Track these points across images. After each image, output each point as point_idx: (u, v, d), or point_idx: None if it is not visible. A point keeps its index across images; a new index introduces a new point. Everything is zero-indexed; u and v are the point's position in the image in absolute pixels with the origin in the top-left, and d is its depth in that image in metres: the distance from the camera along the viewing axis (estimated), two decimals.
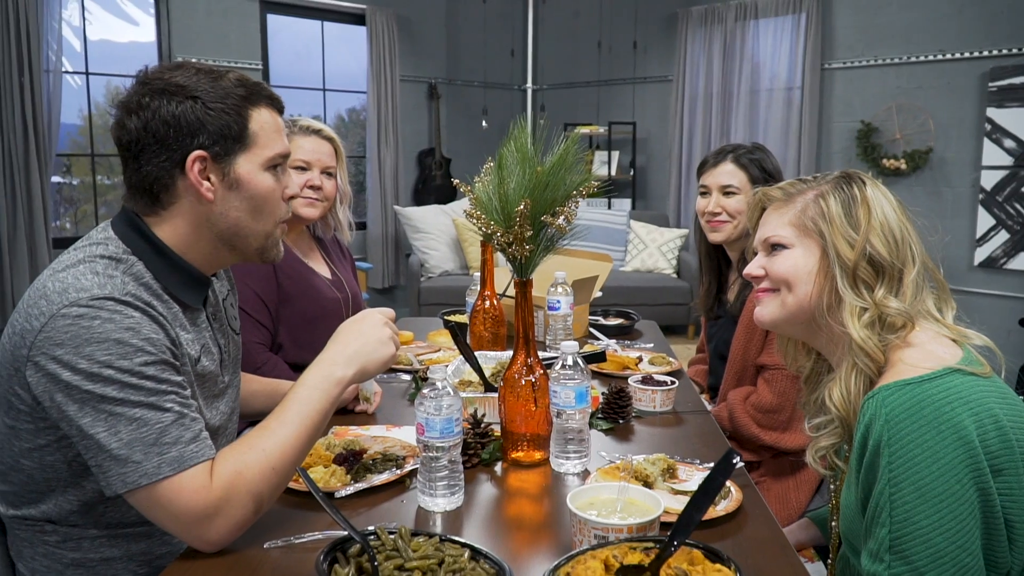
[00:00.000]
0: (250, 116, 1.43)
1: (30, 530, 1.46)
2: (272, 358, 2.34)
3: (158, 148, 1.38)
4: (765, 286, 1.52)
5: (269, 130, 1.46)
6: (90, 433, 1.26)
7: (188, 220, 1.44)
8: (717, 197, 2.47)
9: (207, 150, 1.39)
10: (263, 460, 1.32)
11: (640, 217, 7.48)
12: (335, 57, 7.78)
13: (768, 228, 1.52)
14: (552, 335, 2.54)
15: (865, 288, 1.40)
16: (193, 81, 1.39)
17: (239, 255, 1.53)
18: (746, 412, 2.29)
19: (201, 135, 1.38)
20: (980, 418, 1.24)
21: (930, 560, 1.21)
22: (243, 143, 1.43)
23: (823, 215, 1.45)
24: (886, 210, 1.43)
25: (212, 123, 1.39)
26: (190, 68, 1.42)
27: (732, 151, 2.50)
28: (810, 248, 1.46)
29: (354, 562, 1.16)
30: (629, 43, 7.98)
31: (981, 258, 5.95)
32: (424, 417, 1.44)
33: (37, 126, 5.66)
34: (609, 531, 1.23)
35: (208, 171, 1.41)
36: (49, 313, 1.28)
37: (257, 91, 1.46)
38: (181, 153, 1.39)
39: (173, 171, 1.40)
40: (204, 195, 1.41)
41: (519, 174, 1.62)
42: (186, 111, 1.37)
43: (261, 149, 1.45)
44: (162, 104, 1.37)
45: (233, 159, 1.42)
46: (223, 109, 1.40)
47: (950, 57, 6.03)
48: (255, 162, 1.45)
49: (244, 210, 1.46)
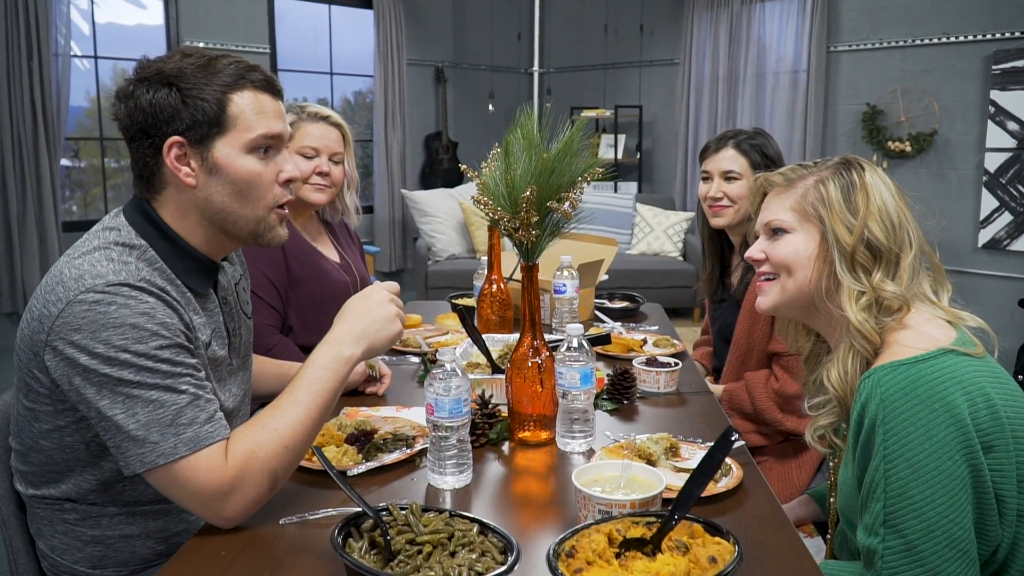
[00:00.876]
0: (229, 100, 1.43)
1: (49, 509, 1.50)
2: (283, 340, 2.39)
3: (141, 135, 1.42)
4: (765, 270, 1.56)
5: (251, 112, 1.45)
6: (108, 415, 1.30)
7: (178, 205, 1.47)
8: (719, 182, 2.51)
9: (183, 135, 1.42)
10: (276, 439, 1.36)
11: (646, 200, 7.49)
12: (342, 41, 7.80)
13: (769, 212, 1.56)
14: (558, 318, 2.58)
15: (863, 272, 1.44)
16: (178, 68, 1.41)
17: (236, 240, 1.54)
18: (769, 397, 2.32)
19: (176, 121, 1.41)
20: (972, 397, 1.28)
21: (923, 533, 1.26)
22: (220, 127, 1.43)
23: (823, 200, 1.48)
24: (884, 195, 1.47)
25: (187, 109, 1.41)
26: (182, 54, 1.44)
27: (733, 137, 2.53)
28: (810, 233, 1.50)
29: (367, 536, 1.20)
30: (636, 26, 7.99)
31: (985, 240, 5.97)
32: (434, 397, 1.48)
33: (46, 110, 5.70)
34: (613, 506, 1.28)
35: (188, 157, 1.43)
36: (66, 299, 1.31)
37: (243, 74, 1.45)
38: (160, 139, 1.42)
39: (157, 157, 1.43)
40: (184, 181, 1.43)
41: (525, 161, 1.65)
42: (162, 98, 1.40)
43: (241, 132, 1.44)
44: (143, 92, 1.40)
45: (211, 143, 1.43)
46: (199, 94, 1.41)
47: (954, 40, 6.03)
48: (234, 145, 1.44)
49: (227, 194, 1.46)
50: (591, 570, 1.10)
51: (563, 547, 1.15)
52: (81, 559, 1.50)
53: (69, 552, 1.51)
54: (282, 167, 1.51)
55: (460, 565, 1.12)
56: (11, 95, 5.58)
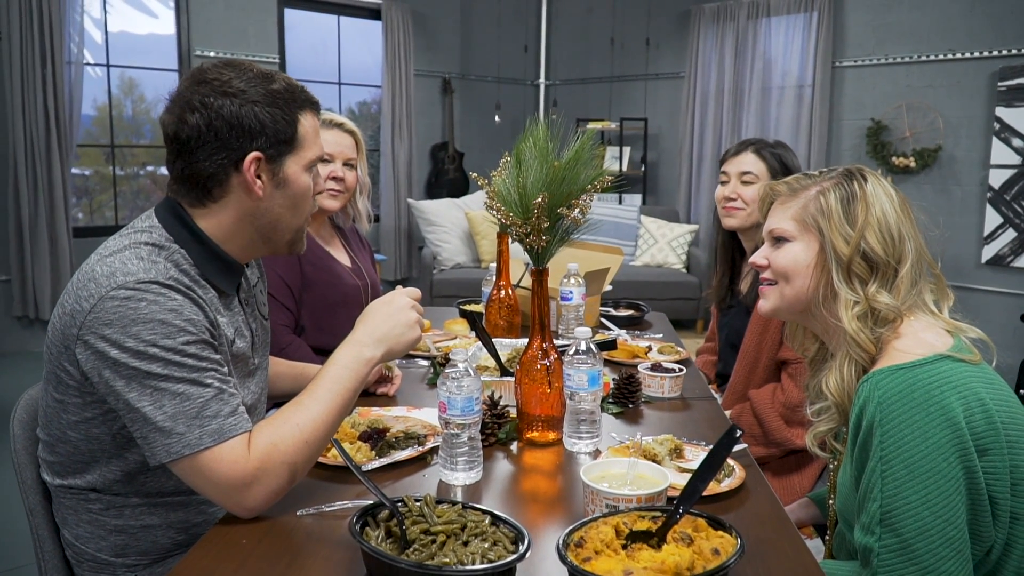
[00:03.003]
0: (299, 120, 1.53)
1: (75, 498, 1.55)
2: (296, 340, 2.45)
3: (218, 146, 1.47)
4: (766, 276, 1.61)
5: (312, 134, 1.57)
6: (136, 407, 1.35)
7: (234, 214, 1.53)
8: (735, 184, 2.56)
9: (264, 151, 1.49)
10: (297, 433, 1.41)
11: (651, 212, 7.54)
12: (351, 51, 7.87)
13: (773, 221, 1.61)
14: (564, 325, 2.62)
15: (859, 283, 1.48)
16: (252, 86, 1.48)
17: (271, 248, 1.62)
18: (776, 413, 2.35)
19: (260, 138, 1.48)
20: (967, 401, 1.33)
21: (918, 533, 1.30)
22: (292, 146, 1.52)
23: (822, 211, 1.52)
24: (885, 207, 1.50)
25: (270, 127, 1.48)
26: (243, 69, 1.50)
27: (755, 143, 2.59)
28: (809, 242, 1.54)
29: (383, 526, 1.25)
30: (642, 39, 8.05)
31: (988, 256, 6.01)
32: (446, 396, 1.53)
33: (59, 117, 5.76)
34: (619, 501, 1.32)
35: (260, 170, 1.50)
36: (98, 295, 1.37)
37: (303, 96, 1.55)
38: (240, 152, 1.47)
39: (229, 168, 1.49)
40: (255, 192, 1.51)
41: (536, 168, 1.71)
42: (247, 114, 1.46)
43: (306, 151, 1.55)
44: (225, 104, 1.45)
45: (283, 160, 1.52)
46: (281, 115, 1.49)
47: (960, 56, 6.09)
48: (300, 164, 1.55)
49: (285, 207, 1.56)
50: (599, 559, 1.15)
51: (572, 538, 1.19)
52: (104, 547, 1.55)
53: (93, 540, 1.55)
54: (318, 181, 1.63)
55: (473, 553, 1.17)
56: (25, 102, 5.64)
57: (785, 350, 2.36)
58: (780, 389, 2.37)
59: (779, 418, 2.34)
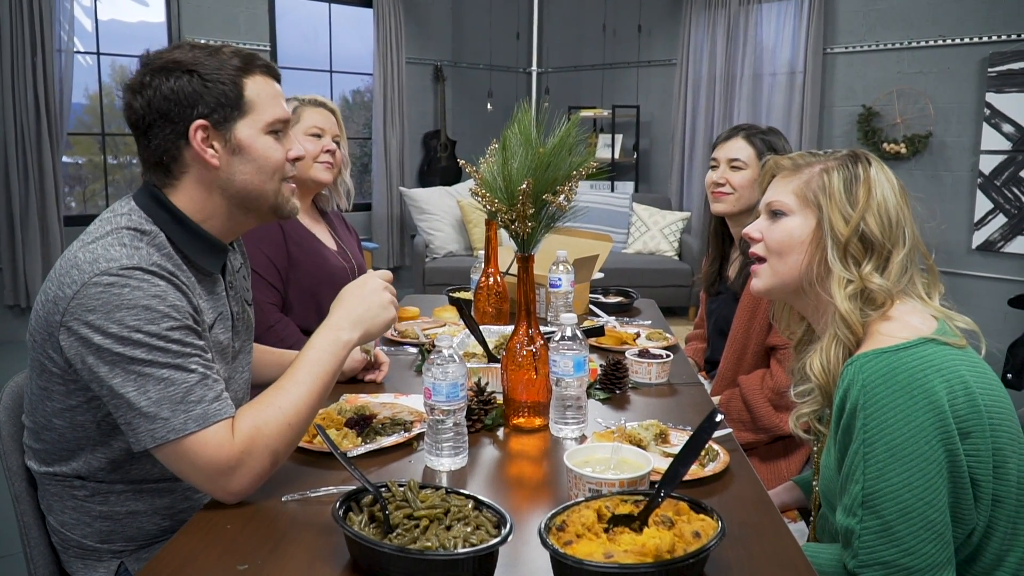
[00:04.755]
0: (245, 84, 1.53)
1: (60, 485, 1.56)
2: (284, 318, 2.50)
3: (163, 122, 1.48)
4: (756, 251, 1.61)
5: (266, 96, 1.56)
6: (120, 392, 1.35)
7: (200, 187, 1.54)
8: (724, 169, 2.57)
9: (207, 118, 1.49)
10: (279, 417, 1.42)
11: (643, 200, 7.54)
12: (342, 39, 7.85)
13: (772, 194, 1.61)
14: (553, 311, 2.62)
15: (853, 262, 1.48)
16: (190, 56, 1.49)
17: (255, 216, 1.62)
18: (765, 399, 2.35)
19: (200, 105, 1.48)
20: (951, 384, 1.34)
21: (899, 515, 1.31)
22: (241, 109, 1.52)
23: (824, 188, 1.53)
24: (886, 192, 1.51)
25: (209, 93, 1.49)
26: (187, 45, 1.52)
27: (746, 129, 2.60)
28: (807, 218, 1.54)
29: (367, 511, 1.25)
30: (634, 27, 8.04)
31: (979, 241, 6.01)
32: (431, 382, 1.54)
33: (49, 106, 5.74)
34: (602, 485, 1.33)
35: (211, 139, 1.51)
36: (81, 281, 1.37)
37: (251, 60, 1.55)
38: (184, 124, 1.48)
39: (179, 142, 1.50)
40: (209, 161, 1.51)
41: (522, 155, 1.71)
42: (184, 84, 1.47)
43: (259, 114, 1.54)
44: (162, 81, 1.47)
45: (233, 125, 1.52)
46: (219, 79, 1.49)
47: (950, 42, 6.09)
48: (255, 127, 1.54)
49: (250, 172, 1.55)
50: (580, 543, 1.15)
51: (554, 522, 1.20)
52: (90, 534, 1.56)
53: (78, 527, 1.56)
54: (291, 146, 1.62)
55: (456, 537, 1.17)
56: (15, 90, 5.62)
57: (774, 336, 2.37)
58: (769, 375, 2.38)
59: (768, 404, 2.35)
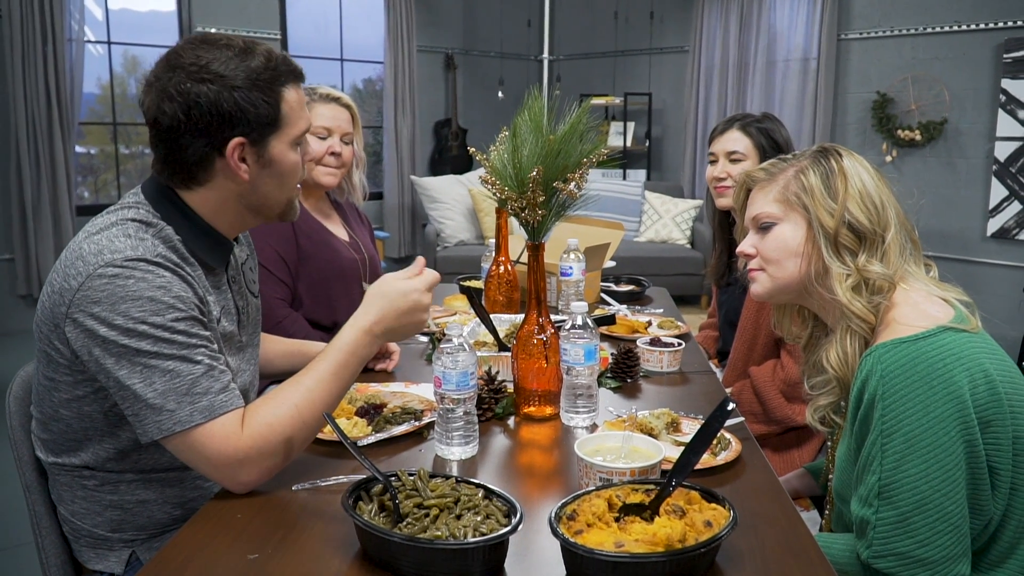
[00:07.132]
0: (282, 98, 1.49)
1: (69, 475, 1.56)
2: (292, 313, 2.46)
3: (198, 134, 1.44)
4: (754, 265, 1.60)
5: (297, 108, 1.53)
6: (127, 384, 1.35)
7: (221, 194, 1.52)
8: (724, 163, 2.55)
9: (246, 136, 1.46)
10: (295, 413, 1.41)
11: (655, 188, 7.52)
12: (353, 27, 7.83)
13: (756, 207, 1.60)
14: (564, 300, 2.61)
15: (848, 255, 1.48)
16: (230, 68, 1.43)
17: (262, 219, 1.62)
18: (777, 390, 2.34)
19: (241, 124, 1.45)
20: (972, 374, 1.33)
21: (915, 506, 1.30)
22: (276, 126, 1.49)
23: (805, 189, 1.52)
24: (863, 178, 1.51)
25: (251, 112, 1.45)
26: (220, 48, 1.45)
27: (740, 119, 2.57)
28: (797, 222, 1.54)
29: (377, 500, 1.25)
30: (646, 13, 7.99)
31: (994, 229, 5.98)
32: (441, 371, 1.53)
33: (60, 95, 5.75)
34: (613, 474, 1.32)
35: (244, 154, 1.48)
36: (86, 273, 1.36)
37: (285, 68, 1.50)
38: (221, 139, 1.45)
39: (212, 154, 1.46)
40: (241, 176, 1.49)
41: (532, 142, 1.69)
42: (227, 100, 1.42)
43: (290, 128, 1.52)
44: (203, 92, 1.41)
45: (269, 141, 1.49)
46: (262, 97, 1.45)
47: (965, 28, 6.03)
48: (285, 141, 1.52)
49: (273, 185, 1.54)
50: (591, 532, 1.14)
51: (564, 511, 1.19)
52: (100, 523, 1.56)
53: (89, 516, 1.56)
54: (307, 150, 1.61)
55: (466, 526, 1.17)
56: (26, 80, 5.63)
57: None
58: (780, 366, 2.36)
59: (780, 395, 2.33)
